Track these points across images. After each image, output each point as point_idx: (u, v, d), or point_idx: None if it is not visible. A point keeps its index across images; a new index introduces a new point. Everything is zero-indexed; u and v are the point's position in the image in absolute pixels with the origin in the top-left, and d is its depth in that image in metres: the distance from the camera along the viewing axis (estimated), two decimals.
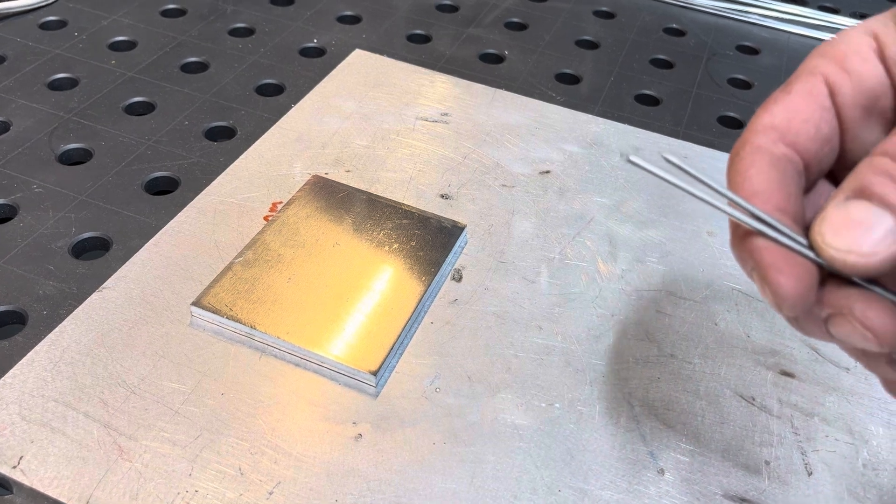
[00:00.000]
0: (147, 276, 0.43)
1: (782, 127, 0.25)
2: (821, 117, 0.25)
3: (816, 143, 0.25)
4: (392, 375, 0.40)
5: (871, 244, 0.22)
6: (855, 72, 0.25)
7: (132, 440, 0.36)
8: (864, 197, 0.22)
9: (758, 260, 0.23)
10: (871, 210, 0.22)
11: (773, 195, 0.24)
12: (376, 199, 0.48)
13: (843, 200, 0.22)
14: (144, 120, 0.55)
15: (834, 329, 0.24)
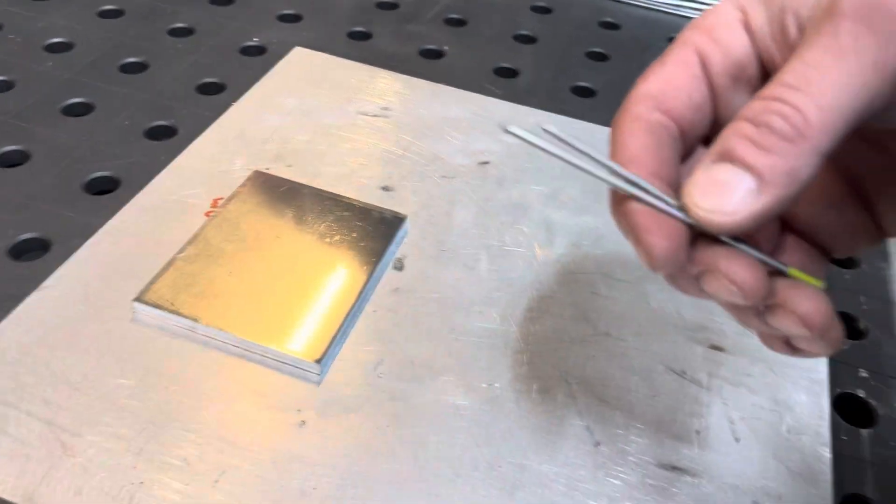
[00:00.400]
0: (88, 275, 0.43)
1: (658, 95, 0.26)
2: (693, 86, 0.26)
3: (690, 110, 0.26)
4: (335, 363, 0.41)
5: (734, 204, 0.23)
6: (723, 42, 0.26)
7: (76, 436, 0.36)
8: (727, 159, 0.23)
9: (631, 223, 0.25)
10: (733, 171, 0.23)
11: (648, 161, 0.25)
12: (318, 193, 0.49)
13: (710, 164, 0.24)
14: (84, 121, 0.55)
15: (705, 285, 0.26)
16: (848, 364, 0.45)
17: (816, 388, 0.42)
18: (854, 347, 0.46)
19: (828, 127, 0.22)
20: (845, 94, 0.22)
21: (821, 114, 0.22)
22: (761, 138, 0.23)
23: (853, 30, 0.22)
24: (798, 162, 0.22)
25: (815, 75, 0.22)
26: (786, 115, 0.22)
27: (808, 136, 0.22)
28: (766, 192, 0.23)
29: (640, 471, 0.38)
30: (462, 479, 0.36)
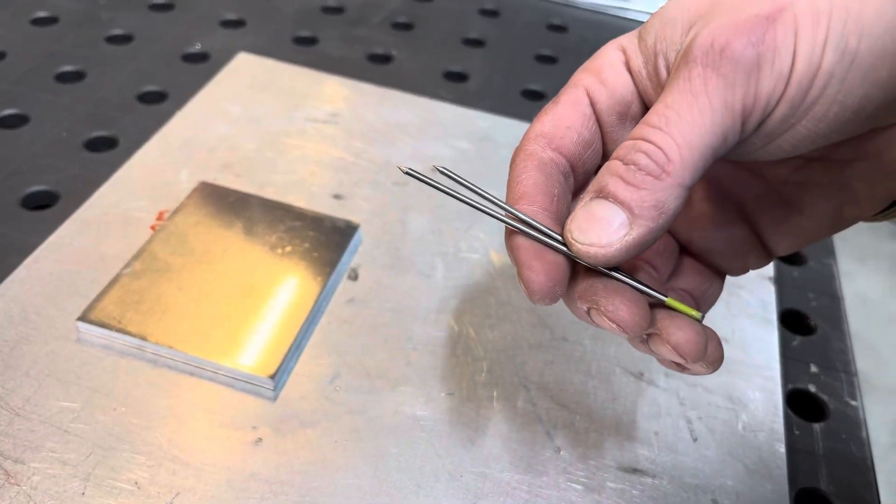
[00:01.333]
0: (27, 294, 0.42)
1: (549, 133, 0.28)
2: (583, 124, 0.28)
3: (580, 146, 0.28)
4: (290, 378, 0.40)
5: (608, 237, 0.25)
6: (609, 82, 0.29)
7: (19, 463, 0.35)
8: (601, 196, 0.25)
9: (515, 257, 0.27)
10: (607, 207, 0.25)
11: (538, 197, 0.27)
12: (267, 203, 0.48)
13: (588, 201, 0.26)
14: (19, 133, 0.53)
15: (595, 320, 0.27)
16: (799, 360, 0.46)
17: (770, 384, 0.43)
18: (804, 343, 0.47)
19: (687, 162, 0.25)
20: (700, 132, 0.25)
21: (680, 151, 0.25)
22: (630, 176, 0.25)
23: (703, 74, 0.25)
24: (663, 195, 0.25)
25: (673, 116, 0.25)
26: (650, 153, 0.25)
27: (670, 171, 0.25)
28: (637, 225, 0.25)
29: (601, 474, 0.38)
30: (424, 491, 0.36)
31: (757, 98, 0.25)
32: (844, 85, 0.25)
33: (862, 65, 0.25)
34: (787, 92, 0.25)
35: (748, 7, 0.26)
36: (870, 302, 1.65)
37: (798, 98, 0.26)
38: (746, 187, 0.33)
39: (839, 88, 0.25)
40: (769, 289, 0.49)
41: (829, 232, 0.33)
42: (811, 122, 0.26)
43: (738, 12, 0.26)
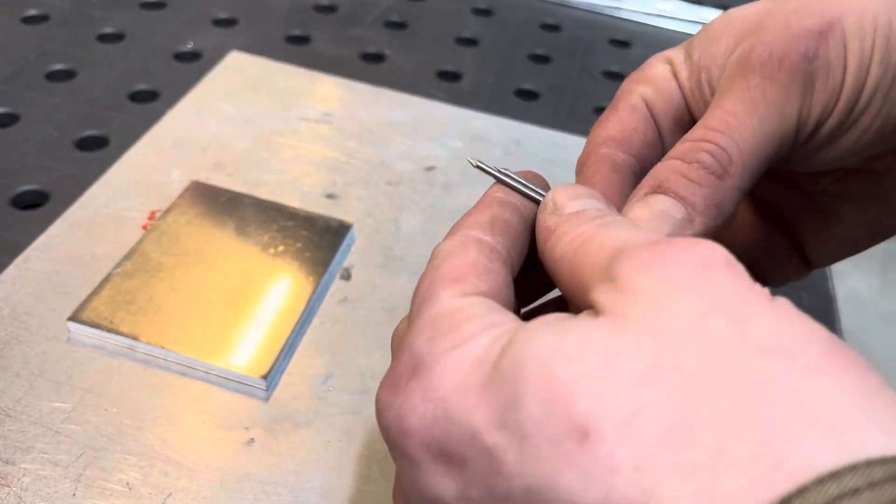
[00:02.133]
0: (18, 294, 0.41)
1: (617, 137, 0.29)
2: (646, 126, 0.29)
3: (647, 148, 0.29)
4: (283, 378, 0.39)
5: (669, 229, 0.25)
6: (663, 90, 0.30)
7: (9, 464, 0.34)
8: (661, 191, 0.26)
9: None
10: (668, 202, 0.25)
11: (613, 197, 0.27)
12: (260, 202, 0.47)
13: (644, 196, 0.26)
14: (9, 132, 0.52)
15: None
16: None
17: None
18: None
19: (747, 165, 0.26)
20: (760, 138, 0.26)
21: (742, 154, 0.25)
22: (693, 173, 0.25)
23: (762, 84, 0.26)
24: (724, 196, 0.25)
25: (734, 121, 0.26)
26: (714, 154, 0.25)
27: (731, 172, 0.25)
28: (697, 222, 0.25)
29: None
30: None
31: (812, 110, 0.26)
32: (888, 98, 0.26)
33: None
34: (838, 105, 0.26)
35: (798, 21, 0.26)
36: (862, 301, 1.65)
37: (846, 111, 0.27)
38: (786, 198, 0.34)
39: (883, 102, 0.26)
40: None
41: (867, 243, 0.33)
42: (856, 133, 0.27)
43: (789, 26, 0.26)
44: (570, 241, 0.23)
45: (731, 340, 0.18)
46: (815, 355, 0.18)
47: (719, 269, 0.19)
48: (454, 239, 0.25)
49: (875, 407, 0.17)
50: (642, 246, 0.20)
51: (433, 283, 0.23)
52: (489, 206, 0.26)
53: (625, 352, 0.18)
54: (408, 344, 0.22)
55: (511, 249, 0.25)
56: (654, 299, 0.19)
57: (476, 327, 0.21)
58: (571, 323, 0.20)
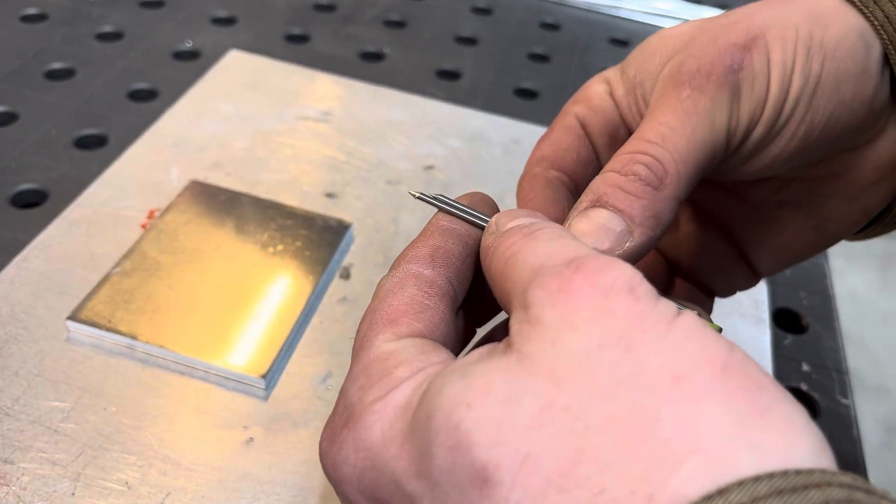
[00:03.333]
0: (17, 293, 0.41)
1: (550, 156, 0.30)
2: (580, 145, 0.31)
3: (580, 165, 0.31)
4: (282, 377, 0.39)
5: (610, 243, 0.26)
6: (598, 108, 0.31)
7: (8, 463, 0.34)
8: (600, 205, 0.26)
9: None
10: (606, 215, 0.26)
11: (548, 210, 0.29)
12: (259, 201, 0.47)
13: (584, 210, 0.27)
14: (8, 131, 0.52)
15: None
16: (791, 359, 0.46)
17: None
18: (796, 342, 0.47)
19: (682, 176, 0.26)
20: (693, 148, 0.26)
21: (676, 165, 0.26)
22: (630, 186, 0.26)
23: (692, 97, 0.27)
24: (661, 206, 0.26)
25: (668, 132, 0.27)
26: (650, 165, 0.26)
27: (667, 183, 0.26)
28: (637, 233, 0.26)
29: None
30: None
31: (740, 119, 0.27)
32: (811, 106, 0.28)
33: (826, 87, 0.27)
34: (764, 114, 0.28)
35: (724, 36, 0.28)
36: (861, 300, 1.65)
37: (772, 119, 0.28)
38: (729, 208, 0.35)
39: (806, 109, 0.28)
40: (761, 288, 0.49)
41: (811, 250, 0.35)
42: (783, 141, 0.28)
43: (716, 41, 0.28)
44: (500, 257, 0.23)
45: (622, 374, 0.18)
46: (704, 380, 0.18)
47: (620, 295, 0.20)
48: (394, 275, 0.26)
49: (756, 426, 0.17)
50: (554, 270, 0.21)
51: (370, 327, 0.24)
52: (430, 237, 0.27)
53: (520, 394, 0.19)
54: (343, 391, 0.23)
55: (453, 279, 0.26)
56: (554, 333, 0.20)
57: (404, 373, 0.22)
58: (478, 368, 0.20)
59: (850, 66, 0.28)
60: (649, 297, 0.20)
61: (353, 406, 0.22)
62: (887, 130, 0.30)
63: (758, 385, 0.18)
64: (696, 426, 0.17)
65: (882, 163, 0.31)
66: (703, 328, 0.19)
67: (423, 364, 0.22)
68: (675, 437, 0.17)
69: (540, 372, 0.19)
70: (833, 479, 0.17)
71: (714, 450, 0.17)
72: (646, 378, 0.18)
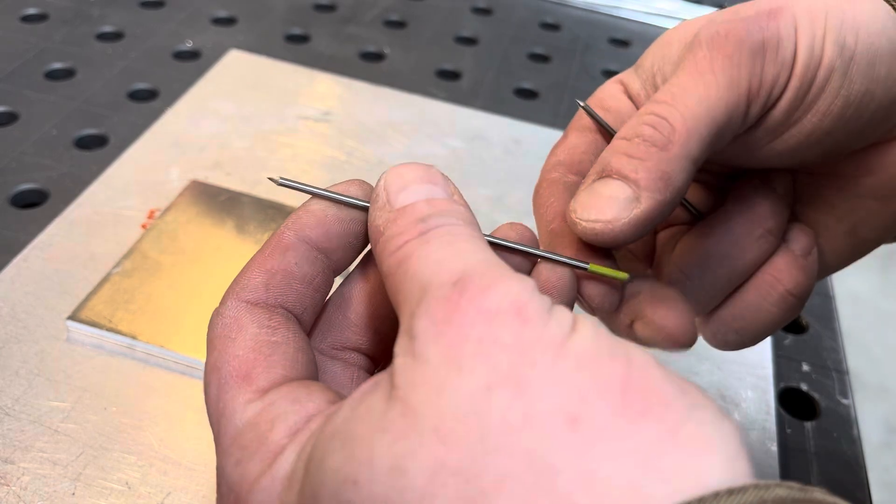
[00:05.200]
0: (17, 293, 0.41)
1: (566, 161, 0.29)
2: (595, 147, 0.29)
3: None
4: None
5: (614, 212, 0.24)
6: (612, 108, 0.30)
7: (8, 463, 0.34)
8: (605, 175, 0.25)
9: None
10: (612, 184, 0.25)
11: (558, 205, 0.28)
12: (259, 201, 0.47)
13: (590, 182, 0.26)
14: (7, 131, 0.52)
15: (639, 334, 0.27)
16: (791, 359, 0.46)
17: (762, 383, 0.43)
18: (796, 342, 0.47)
19: (693, 133, 0.25)
20: (705, 105, 0.25)
21: (685, 122, 0.25)
22: (634, 149, 0.25)
23: (709, 55, 0.26)
24: (669, 167, 0.24)
25: (679, 91, 0.25)
26: (655, 125, 0.25)
27: (675, 141, 0.24)
28: (644, 198, 0.24)
29: None
30: None
31: (763, 82, 0.26)
32: (846, 79, 0.26)
33: (861, 61, 0.26)
34: (792, 81, 0.26)
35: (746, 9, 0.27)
36: (861, 301, 1.65)
37: (802, 89, 0.26)
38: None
39: (842, 83, 0.26)
40: None
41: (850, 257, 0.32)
42: (816, 116, 0.27)
43: (738, 12, 0.27)
44: (391, 255, 0.21)
45: (513, 421, 0.17)
46: (602, 416, 0.16)
47: (506, 319, 0.18)
48: (224, 313, 0.23)
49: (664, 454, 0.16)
50: (440, 293, 0.19)
51: (222, 388, 0.21)
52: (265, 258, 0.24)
53: (407, 461, 0.17)
54: (220, 469, 0.21)
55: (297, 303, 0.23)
56: (440, 378, 0.18)
57: (282, 436, 0.20)
58: (359, 428, 0.18)
59: (883, 42, 0.26)
60: (538, 317, 0.18)
61: (236, 486, 0.20)
62: None
63: (662, 402, 0.17)
64: (598, 473, 0.16)
65: None
66: (598, 341, 0.18)
67: (300, 417, 0.20)
68: (577, 490, 0.16)
69: (426, 429, 0.17)
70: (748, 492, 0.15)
71: (621, 497, 0.16)
72: (539, 423, 0.16)
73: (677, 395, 0.17)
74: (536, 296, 0.19)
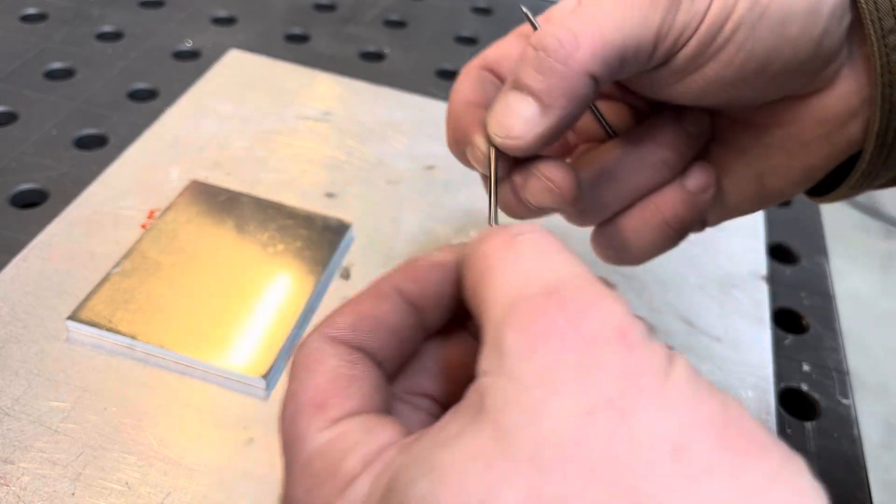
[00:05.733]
0: (17, 293, 0.41)
1: (490, 59, 0.31)
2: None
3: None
4: (283, 377, 0.39)
5: (519, 128, 0.26)
6: (553, 20, 0.30)
7: (8, 463, 0.34)
8: (516, 87, 0.26)
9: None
10: (520, 98, 0.26)
11: (474, 97, 0.29)
12: (259, 201, 0.47)
13: (505, 92, 0.27)
14: (7, 131, 0.52)
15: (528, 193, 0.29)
16: (791, 359, 0.46)
17: (762, 383, 0.43)
18: (796, 342, 0.47)
19: (598, 52, 0.25)
20: (616, 28, 0.26)
21: (593, 40, 0.25)
22: (539, 63, 0.26)
23: None
24: (573, 83, 0.25)
25: (598, 11, 0.26)
26: (561, 38, 0.25)
27: (577, 58, 0.25)
28: (550, 113, 0.26)
29: None
30: None
31: (673, 26, 0.26)
32: (753, 33, 0.27)
33: (772, 18, 0.27)
34: (700, 30, 0.27)
35: None
36: (861, 300, 1.65)
37: (708, 38, 0.27)
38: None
39: (747, 36, 0.27)
40: (762, 288, 0.49)
41: (754, 203, 0.33)
42: (719, 65, 0.28)
43: None
44: (474, 267, 0.21)
45: (616, 450, 0.16)
46: (705, 450, 0.16)
47: (610, 343, 0.18)
48: (308, 344, 0.23)
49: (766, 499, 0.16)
50: (531, 304, 0.19)
51: (296, 416, 0.21)
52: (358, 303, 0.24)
53: (503, 488, 0.16)
54: (289, 496, 0.21)
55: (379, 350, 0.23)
56: (535, 399, 0.17)
57: (354, 464, 0.20)
58: (447, 455, 0.18)
59: (801, 3, 0.27)
60: (643, 343, 0.18)
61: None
62: (836, 85, 0.29)
63: (762, 445, 0.17)
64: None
65: (826, 117, 0.30)
66: (696, 379, 0.17)
67: (373, 447, 0.20)
68: None
69: (520, 456, 0.17)
70: None
71: None
72: (643, 453, 0.16)
73: (773, 442, 0.17)
74: (637, 321, 0.18)
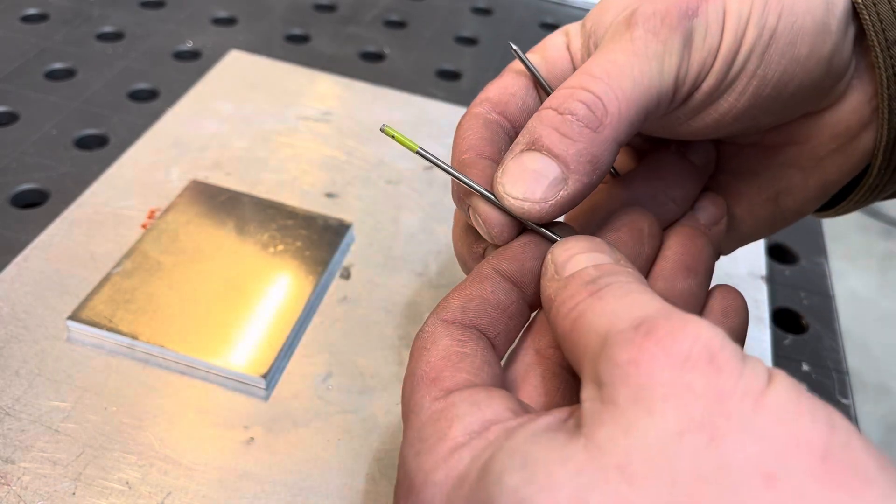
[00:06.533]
0: (17, 293, 0.41)
1: (494, 99, 0.29)
2: (526, 92, 0.30)
3: (524, 113, 0.29)
4: (283, 377, 0.39)
5: (542, 192, 0.25)
6: (550, 58, 0.30)
7: (9, 463, 0.34)
8: (535, 148, 0.25)
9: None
10: (540, 160, 0.25)
11: (483, 148, 0.28)
12: (259, 201, 0.47)
13: (518, 152, 0.26)
14: (8, 131, 0.52)
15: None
16: (791, 359, 0.46)
17: None
18: (796, 342, 0.47)
19: (623, 117, 0.25)
20: (639, 90, 0.25)
21: (618, 104, 0.25)
22: (566, 127, 0.25)
23: (645, 38, 0.26)
24: (599, 149, 0.25)
25: (615, 70, 0.25)
26: (589, 104, 0.25)
27: (607, 124, 0.25)
28: (571, 181, 0.25)
29: None
30: None
31: (690, 68, 0.26)
32: (763, 60, 0.27)
33: (781, 41, 0.26)
34: (715, 65, 0.27)
35: None
36: (861, 300, 1.65)
37: (723, 71, 0.27)
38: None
39: (758, 63, 0.27)
40: (761, 288, 0.49)
41: (769, 226, 0.33)
42: (733, 95, 0.27)
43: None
44: (566, 318, 0.22)
45: (704, 471, 0.16)
46: (799, 479, 0.16)
47: (698, 366, 0.18)
48: (424, 329, 0.25)
49: None
50: (623, 336, 0.19)
51: (413, 389, 0.23)
52: (465, 287, 0.26)
53: (587, 493, 0.17)
54: (402, 458, 0.23)
55: (490, 328, 0.25)
56: (628, 418, 0.18)
57: (459, 434, 0.21)
58: (541, 454, 0.19)
59: (808, 22, 0.26)
60: (733, 365, 0.18)
61: (412, 474, 0.21)
62: (847, 98, 0.29)
63: (864, 476, 0.16)
64: None
65: (840, 130, 0.30)
66: (798, 399, 0.17)
67: (478, 419, 0.21)
68: None
69: (610, 466, 0.17)
70: None
71: None
72: (731, 477, 0.16)
73: (879, 471, 0.16)
74: (728, 343, 0.18)
